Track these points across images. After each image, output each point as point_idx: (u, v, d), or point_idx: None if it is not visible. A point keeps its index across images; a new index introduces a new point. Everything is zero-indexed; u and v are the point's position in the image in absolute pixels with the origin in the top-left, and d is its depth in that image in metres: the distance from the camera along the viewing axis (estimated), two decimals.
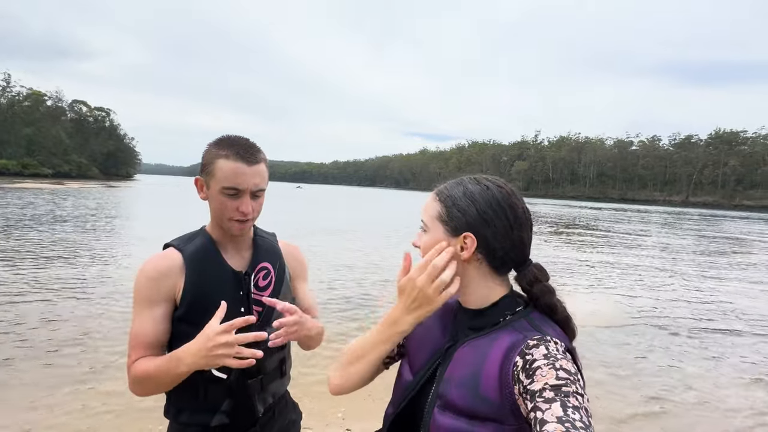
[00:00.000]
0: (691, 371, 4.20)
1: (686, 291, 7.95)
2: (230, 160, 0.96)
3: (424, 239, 0.74)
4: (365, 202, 43.57)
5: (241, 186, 0.97)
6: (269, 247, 1.14)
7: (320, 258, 8.86)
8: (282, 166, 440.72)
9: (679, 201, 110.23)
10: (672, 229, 24.12)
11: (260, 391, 1.06)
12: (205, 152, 1.01)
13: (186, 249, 1.03)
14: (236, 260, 1.07)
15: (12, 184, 35.45)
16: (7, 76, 77.35)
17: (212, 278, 1.02)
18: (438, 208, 0.73)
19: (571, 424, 0.49)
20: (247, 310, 1.03)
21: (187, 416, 1.02)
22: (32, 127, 72.76)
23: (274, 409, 1.12)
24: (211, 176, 0.98)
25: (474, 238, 0.69)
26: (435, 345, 0.76)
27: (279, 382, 1.13)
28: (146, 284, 0.98)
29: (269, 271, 1.09)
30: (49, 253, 8.08)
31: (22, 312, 4.81)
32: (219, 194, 0.98)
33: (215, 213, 1.02)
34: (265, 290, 1.07)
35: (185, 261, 1.01)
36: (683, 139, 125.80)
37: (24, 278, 6.20)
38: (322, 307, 5.60)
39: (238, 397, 1.03)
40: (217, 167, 0.97)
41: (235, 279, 1.04)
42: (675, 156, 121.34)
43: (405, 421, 0.75)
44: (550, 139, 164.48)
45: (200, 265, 1.02)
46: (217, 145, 0.99)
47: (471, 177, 0.75)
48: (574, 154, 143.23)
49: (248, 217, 1.00)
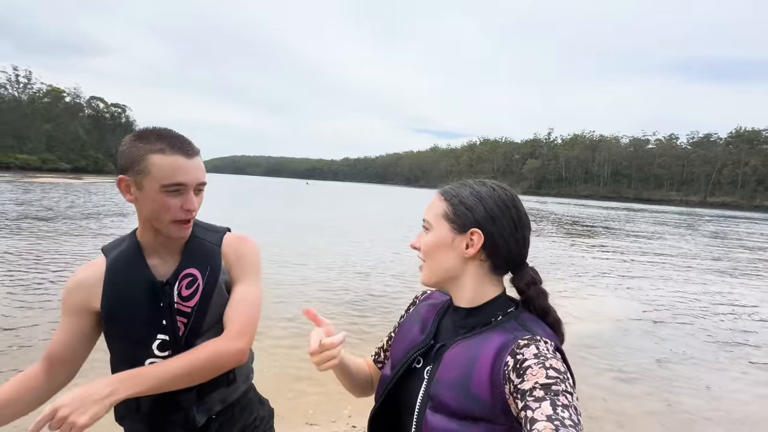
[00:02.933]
0: (702, 373, 4.12)
1: (704, 294, 7.77)
2: (167, 154, 0.87)
3: (425, 239, 0.74)
4: (361, 200, 43.56)
5: (186, 181, 0.89)
6: (201, 251, 1.01)
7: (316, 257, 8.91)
8: (292, 163, 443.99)
9: (696, 201, 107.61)
10: (689, 230, 23.59)
11: (198, 402, 0.99)
12: (129, 148, 0.89)
13: (111, 254, 0.97)
14: (163, 267, 0.98)
15: (34, 179, 36.47)
16: (28, 73, 79.66)
17: (129, 288, 0.94)
18: (443, 207, 0.73)
19: (561, 423, 0.49)
20: (169, 322, 0.94)
21: (129, 424, 1.00)
22: (52, 123, 74.77)
23: (232, 409, 1.07)
24: (144, 174, 0.88)
25: (481, 234, 0.70)
26: (413, 341, 0.78)
27: (226, 391, 1.04)
28: (64, 294, 0.95)
29: (195, 278, 0.98)
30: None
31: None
32: (159, 193, 0.88)
33: (154, 215, 0.91)
34: (190, 299, 0.97)
35: (106, 267, 0.95)
36: (702, 138, 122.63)
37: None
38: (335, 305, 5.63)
39: (173, 411, 0.97)
40: (151, 163, 0.87)
41: (152, 288, 0.94)
42: (693, 155, 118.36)
43: (390, 420, 0.76)
44: (563, 136, 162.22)
45: (118, 275, 0.95)
46: (144, 138, 0.89)
47: (475, 179, 0.76)
48: (588, 152, 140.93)
49: (194, 214, 0.94)
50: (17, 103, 74.13)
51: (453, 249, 0.72)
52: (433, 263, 0.74)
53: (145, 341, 0.94)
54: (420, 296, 0.92)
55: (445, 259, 0.73)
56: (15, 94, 76.51)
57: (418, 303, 0.89)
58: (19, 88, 77.77)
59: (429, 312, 0.82)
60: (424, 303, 0.87)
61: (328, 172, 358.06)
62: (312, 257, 8.68)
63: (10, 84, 76.39)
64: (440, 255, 0.73)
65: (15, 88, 77.14)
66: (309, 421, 2.86)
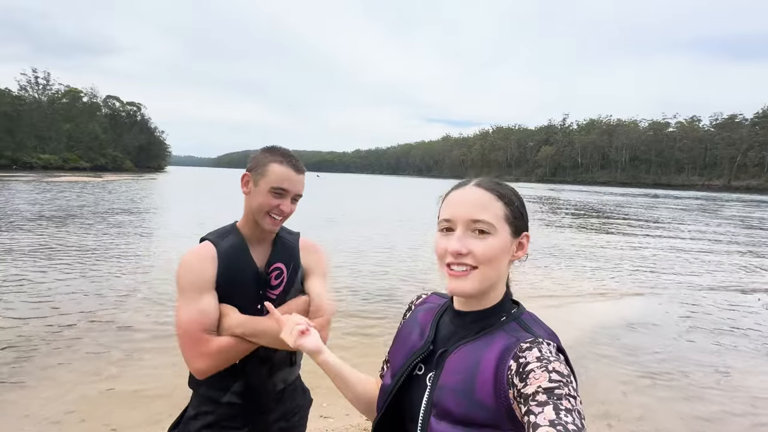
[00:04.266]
0: (725, 361, 4.00)
1: (733, 284, 7.52)
2: (284, 165, 1.12)
3: (487, 244, 0.67)
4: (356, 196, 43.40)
5: (289, 189, 1.13)
6: (286, 248, 1.23)
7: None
8: (304, 156, 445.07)
9: (720, 185, 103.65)
10: (714, 217, 22.80)
11: (269, 377, 1.18)
12: (259, 156, 1.15)
13: (221, 244, 1.14)
14: (258, 258, 1.18)
15: (58, 178, 37.65)
16: (46, 74, 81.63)
17: (240, 273, 1.13)
18: (503, 208, 0.69)
19: (564, 427, 0.49)
20: (261, 306, 1.14)
21: (204, 389, 1.14)
22: (71, 123, 76.67)
23: (283, 392, 1.23)
24: (261, 176, 1.12)
25: (529, 237, 0.72)
26: (413, 347, 0.76)
27: (288, 371, 1.23)
28: (189, 274, 1.08)
29: (282, 271, 1.19)
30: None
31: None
32: (267, 192, 1.11)
33: (255, 207, 1.13)
34: (276, 289, 1.17)
35: (219, 254, 1.12)
36: (726, 119, 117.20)
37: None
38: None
39: (249, 379, 1.15)
40: (270, 169, 1.11)
41: (257, 276, 1.15)
42: (716, 137, 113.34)
43: (394, 429, 0.75)
44: (579, 122, 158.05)
45: (232, 261, 1.13)
46: (272, 152, 1.15)
47: (494, 178, 0.74)
48: (605, 137, 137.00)
49: (284, 215, 1.15)
50: (38, 105, 76.15)
51: (509, 254, 0.70)
52: (491, 271, 0.68)
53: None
54: (416, 301, 0.90)
55: (501, 266, 0.70)
56: (35, 95, 78.61)
57: (414, 308, 0.87)
58: (39, 90, 79.89)
59: (426, 316, 0.80)
60: (421, 308, 0.85)
61: (339, 164, 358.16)
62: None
63: (30, 86, 78.54)
64: (500, 262, 0.69)
65: (35, 89, 79.30)
66: (323, 414, 2.90)
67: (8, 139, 63.46)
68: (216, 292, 1.09)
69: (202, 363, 1.04)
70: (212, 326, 1.06)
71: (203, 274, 1.08)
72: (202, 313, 1.05)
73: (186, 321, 1.04)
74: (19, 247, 7.97)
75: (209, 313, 1.06)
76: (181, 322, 1.04)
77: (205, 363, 1.04)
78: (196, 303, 1.05)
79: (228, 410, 1.14)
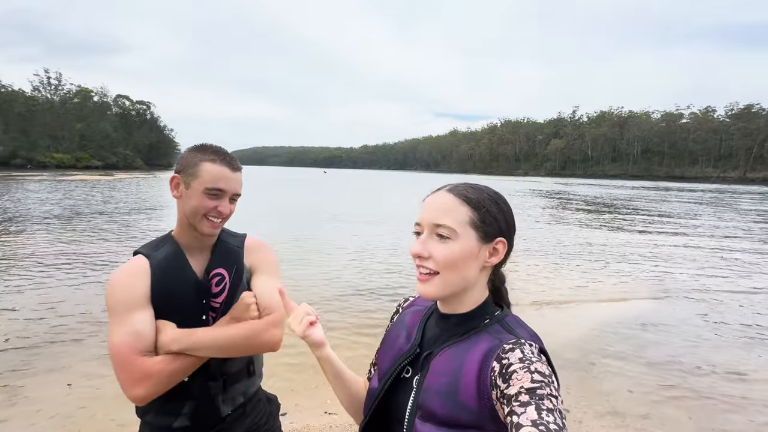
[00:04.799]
0: (731, 361, 3.92)
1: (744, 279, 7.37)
2: (217, 164, 1.04)
3: (447, 248, 0.67)
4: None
5: (225, 188, 1.05)
6: (228, 252, 1.14)
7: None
8: (312, 152, 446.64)
9: (735, 177, 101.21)
10: (731, 211, 22.31)
11: (223, 392, 1.08)
12: (187, 155, 1.07)
13: (153, 255, 1.06)
14: (197, 266, 1.10)
15: (71, 176, 38.38)
16: (58, 75, 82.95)
17: (177, 284, 1.05)
18: (469, 213, 0.68)
19: (546, 427, 0.50)
20: (206, 315, 1.07)
21: (151, 417, 1.06)
22: (83, 123, 77.92)
23: (245, 406, 1.14)
24: (194, 177, 1.04)
25: (506, 243, 0.70)
26: (399, 350, 0.76)
27: (247, 382, 1.15)
28: (118, 292, 0.99)
29: (223, 277, 1.11)
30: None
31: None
32: (201, 194, 1.03)
33: (190, 211, 1.05)
34: (219, 296, 1.09)
35: (152, 267, 1.04)
36: (742, 109, 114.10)
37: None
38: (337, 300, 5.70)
39: (199, 399, 1.05)
40: (202, 169, 1.04)
41: (197, 285, 1.07)
42: (732, 128, 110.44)
43: (379, 429, 0.75)
44: (589, 114, 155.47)
45: (167, 272, 1.04)
46: (202, 150, 1.07)
47: (476, 183, 0.74)
48: (616, 129, 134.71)
49: (223, 217, 1.07)
50: (50, 105, 77.53)
51: (476, 260, 0.69)
52: (452, 276, 0.68)
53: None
54: (403, 303, 0.90)
55: (467, 271, 0.68)
56: (48, 95, 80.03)
57: (402, 311, 0.87)
58: (51, 90, 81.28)
59: (413, 319, 0.80)
60: (409, 310, 0.85)
61: (347, 160, 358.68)
62: (318, 252, 8.76)
63: (43, 86, 80.00)
64: (464, 267, 0.68)
65: (47, 90, 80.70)
66: (328, 410, 2.91)
67: (23, 138, 64.80)
68: (152, 308, 1.01)
69: (140, 389, 0.94)
70: (148, 347, 0.97)
71: (134, 291, 1.00)
72: (135, 334, 0.96)
73: (117, 344, 0.95)
74: (35, 245, 8.17)
75: (143, 333, 0.97)
76: (113, 345, 0.95)
77: (142, 388, 0.94)
78: (127, 323, 0.97)
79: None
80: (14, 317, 4.53)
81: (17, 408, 2.90)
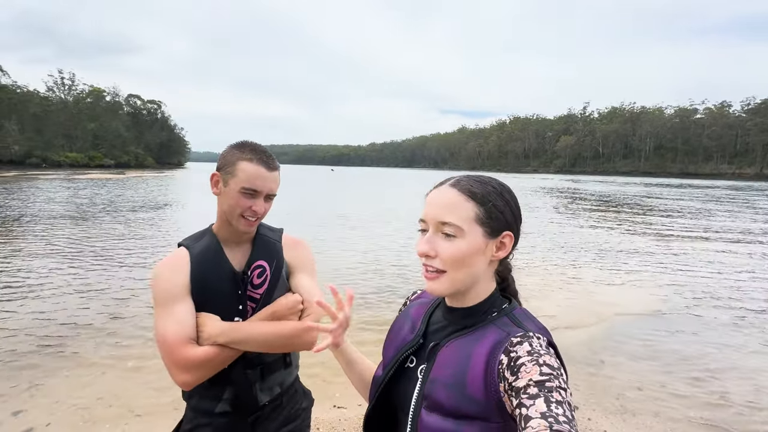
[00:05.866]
0: (745, 363, 3.86)
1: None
2: (253, 163, 1.05)
3: (453, 246, 0.67)
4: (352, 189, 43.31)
5: (260, 188, 1.06)
6: (268, 245, 1.18)
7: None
8: (320, 150, 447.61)
9: (751, 174, 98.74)
10: (750, 209, 21.82)
11: (261, 380, 1.12)
12: (227, 153, 1.08)
13: (194, 247, 1.10)
14: (237, 258, 1.13)
15: (86, 175, 39.13)
16: (71, 75, 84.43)
17: (214, 276, 1.08)
18: (474, 209, 0.67)
19: (555, 419, 0.50)
20: (243, 306, 1.10)
21: (196, 401, 1.11)
22: (96, 122, 79.25)
23: (282, 397, 1.17)
24: (231, 175, 1.05)
25: (512, 236, 0.69)
26: (403, 340, 0.77)
27: (284, 372, 1.18)
28: (162, 283, 1.04)
29: (264, 269, 1.14)
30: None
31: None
32: (237, 193, 1.05)
33: (227, 209, 1.07)
34: (260, 288, 1.12)
35: (191, 258, 1.08)
36: (759, 104, 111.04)
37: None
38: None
39: (238, 386, 1.10)
40: (239, 168, 1.04)
41: (234, 278, 1.10)
42: (748, 123, 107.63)
43: (385, 420, 0.76)
44: (600, 110, 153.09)
45: (204, 264, 1.08)
46: (241, 148, 1.07)
47: (480, 175, 0.73)
48: (628, 125, 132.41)
49: (258, 216, 1.09)
50: (64, 105, 78.97)
51: (483, 255, 0.68)
52: (460, 273, 0.68)
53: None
54: (411, 297, 0.91)
55: (474, 268, 0.68)
56: (62, 96, 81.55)
57: (409, 303, 0.89)
58: (65, 90, 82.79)
59: (419, 311, 0.81)
60: (415, 302, 0.86)
61: (355, 157, 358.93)
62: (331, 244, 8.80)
63: (56, 87, 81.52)
64: (471, 264, 0.68)
65: (61, 90, 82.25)
66: (337, 404, 2.96)
67: (38, 138, 66.13)
68: (192, 298, 1.05)
69: (187, 375, 0.99)
70: (192, 335, 1.01)
71: (176, 281, 1.04)
72: (180, 323, 1.00)
73: (164, 333, 1.00)
74: (56, 240, 8.37)
75: (186, 322, 1.01)
76: (160, 334, 1.00)
77: (189, 375, 1.00)
78: (172, 313, 1.01)
79: (225, 420, 1.10)
80: (32, 311, 4.66)
81: (36, 400, 2.99)
